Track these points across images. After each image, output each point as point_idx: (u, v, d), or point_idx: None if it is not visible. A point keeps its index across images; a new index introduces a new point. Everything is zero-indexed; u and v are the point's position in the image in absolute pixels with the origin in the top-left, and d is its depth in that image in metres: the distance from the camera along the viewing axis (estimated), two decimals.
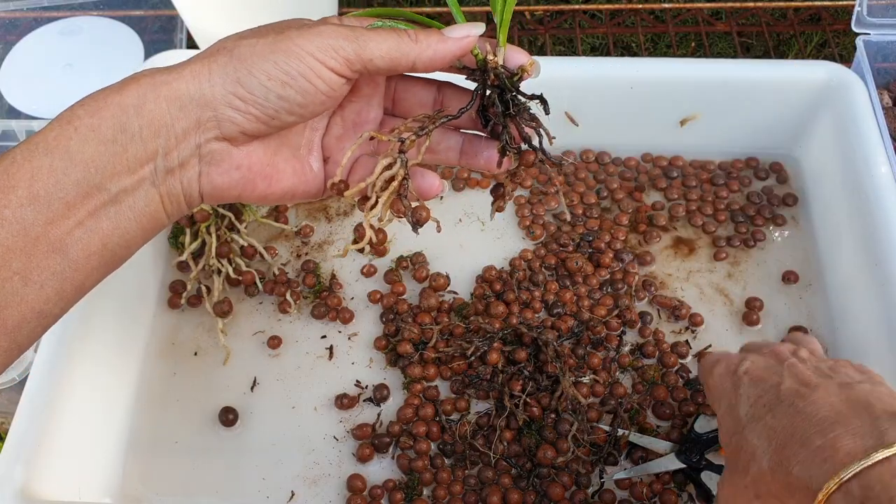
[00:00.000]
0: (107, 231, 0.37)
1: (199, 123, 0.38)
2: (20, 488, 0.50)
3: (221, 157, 0.39)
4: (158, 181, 0.38)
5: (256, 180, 0.41)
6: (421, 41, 0.39)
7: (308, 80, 0.38)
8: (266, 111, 0.38)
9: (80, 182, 0.36)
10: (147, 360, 0.63)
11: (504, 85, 0.40)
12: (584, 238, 0.68)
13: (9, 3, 0.84)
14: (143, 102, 0.37)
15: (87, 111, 0.36)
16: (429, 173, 0.43)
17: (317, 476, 0.58)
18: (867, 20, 0.73)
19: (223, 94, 0.37)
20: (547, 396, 0.58)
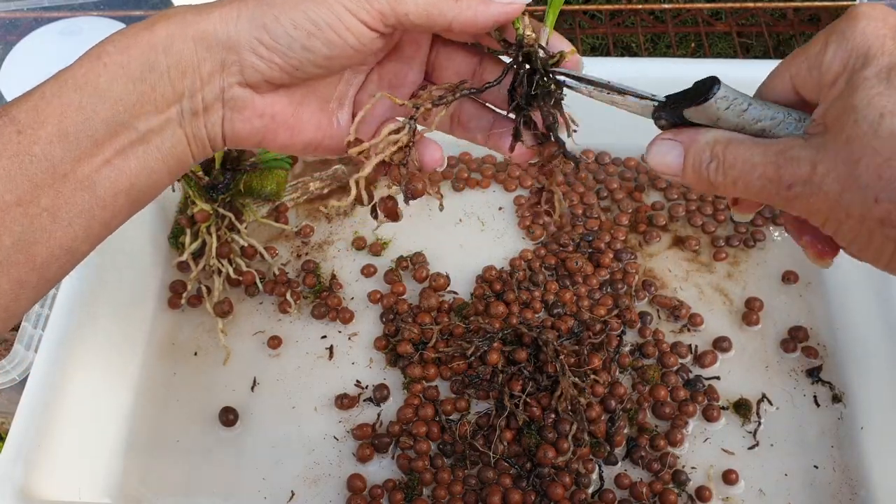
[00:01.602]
0: (134, 170, 0.37)
1: (223, 66, 0.37)
2: (20, 488, 0.50)
3: (244, 104, 0.38)
4: (185, 122, 0.37)
5: (279, 130, 0.40)
6: (462, 1, 0.36)
7: (336, 32, 0.36)
8: (290, 61, 0.37)
9: (109, 120, 0.35)
10: (147, 360, 0.63)
11: (536, 66, 0.38)
12: (584, 238, 0.68)
13: (9, 3, 0.84)
14: (172, 41, 0.36)
15: (116, 47, 0.36)
16: (433, 144, 0.41)
17: (317, 476, 0.58)
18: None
19: (248, 38, 0.36)
20: (547, 396, 0.58)
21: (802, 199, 0.32)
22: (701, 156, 0.35)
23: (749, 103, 0.33)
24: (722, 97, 0.33)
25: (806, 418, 0.59)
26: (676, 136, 0.36)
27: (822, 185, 0.31)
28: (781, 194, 0.32)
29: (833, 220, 0.31)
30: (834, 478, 0.57)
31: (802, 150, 0.31)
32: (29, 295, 0.36)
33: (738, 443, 0.58)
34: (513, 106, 0.39)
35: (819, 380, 0.61)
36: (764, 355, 0.62)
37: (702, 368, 0.62)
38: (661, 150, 0.36)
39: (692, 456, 0.58)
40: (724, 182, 0.34)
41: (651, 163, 0.36)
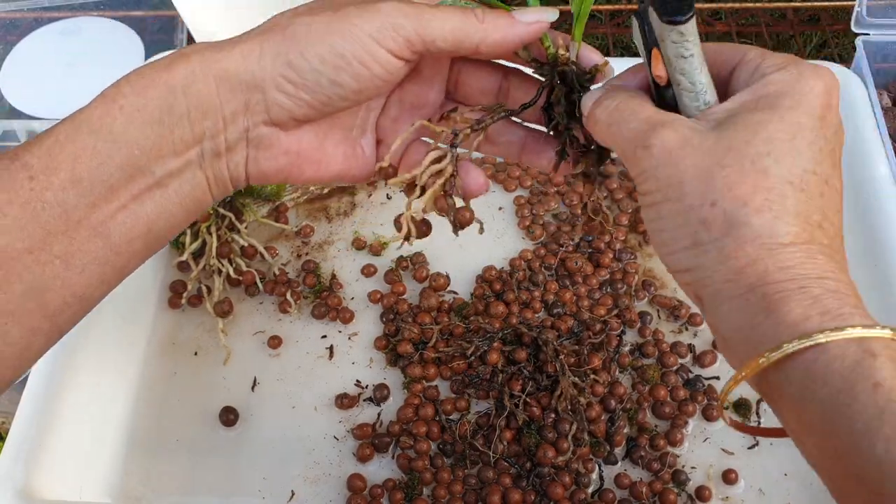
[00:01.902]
0: (151, 215, 0.36)
1: (247, 106, 0.36)
2: (21, 488, 0.50)
3: (270, 143, 0.37)
4: (205, 164, 0.37)
5: (304, 165, 0.39)
6: (488, 23, 0.36)
7: (364, 65, 0.35)
8: (317, 97, 0.36)
9: (125, 165, 0.34)
10: (147, 359, 0.63)
11: (573, 84, 0.38)
12: (583, 238, 0.68)
13: (9, 3, 0.84)
14: (192, 82, 0.35)
15: (133, 89, 0.35)
16: (474, 170, 0.39)
17: (317, 476, 0.58)
18: (866, 20, 0.73)
19: (273, 76, 0.35)
20: (547, 396, 0.58)
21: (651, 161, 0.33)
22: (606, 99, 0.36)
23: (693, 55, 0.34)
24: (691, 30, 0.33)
25: None
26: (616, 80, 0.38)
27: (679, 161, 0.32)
28: (638, 152, 0.33)
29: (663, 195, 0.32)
30: None
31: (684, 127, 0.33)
32: (41, 343, 0.35)
33: (738, 442, 0.58)
34: (552, 125, 0.39)
35: None
36: None
37: (701, 368, 0.62)
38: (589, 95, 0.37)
39: (692, 455, 0.58)
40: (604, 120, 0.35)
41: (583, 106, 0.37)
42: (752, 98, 0.33)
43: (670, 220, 0.32)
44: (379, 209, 0.71)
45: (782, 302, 0.30)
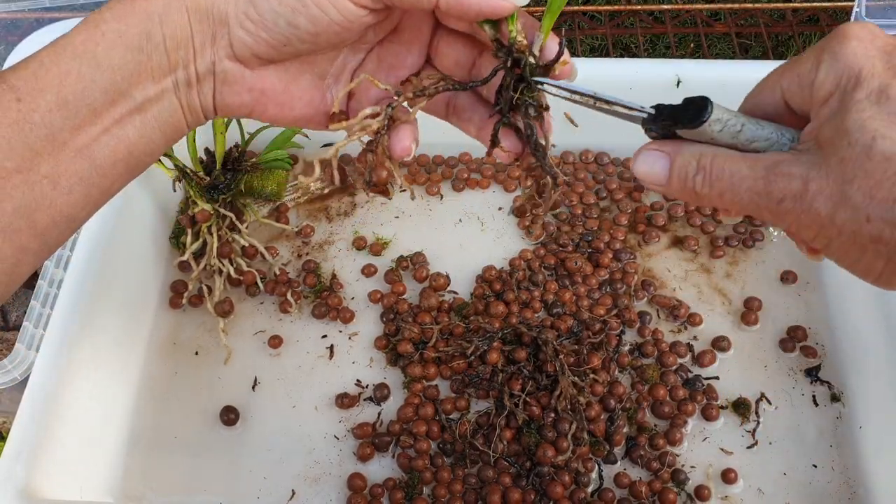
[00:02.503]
0: (133, 139, 0.37)
1: (214, 39, 0.37)
2: (22, 487, 0.50)
3: (234, 78, 0.38)
4: (180, 92, 0.38)
5: (269, 104, 0.40)
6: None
7: (320, 8, 0.36)
8: (276, 37, 0.37)
9: (108, 89, 0.35)
10: (148, 359, 0.63)
11: (524, 73, 0.37)
12: (583, 238, 0.68)
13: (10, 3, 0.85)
14: (168, 11, 0.36)
15: (113, 15, 0.36)
16: (404, 132, 0.40)
17: (317, 475, 0.58)
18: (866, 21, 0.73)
19: (236, 12, 0.36)
20: (546, 395, 0.58)
21: (793, 214, 0.32)
22: (687, 167, 0.35)
23: (742, 124, 0.34)
24: (716, 119, 0.33)
25: (804, 418, 0.59)
26: (662, 146, 0.36)
27: (814, 202, 0.31)
28: (771, 208, 0.33)
29: (823, 235, 0.32)
30: (832, 477, 0.57)
31: (793, 166, 0.32)
32: (30, 261, 0.36)
33: (737, 442, 0.58)
34: (496, 110, 0.39)
35: (818, 379, 0.61)
36: (763, 355, 0.63)
37: (701, 368, 0.62)
38: (647, 160, 0.36)
39: (691, 455, 0.58)
40: (711, 193, 0.34)
41: (637, 172, 0.37)
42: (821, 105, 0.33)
43: (850, 253, 0.32)
44: (379, 209, 0.71)
45: None
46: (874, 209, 0.30)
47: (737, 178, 0.33)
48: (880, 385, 0.58)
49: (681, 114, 0.34)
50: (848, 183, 0.30)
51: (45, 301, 0.64)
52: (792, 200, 0.32)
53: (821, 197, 0.31)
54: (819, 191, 0.31)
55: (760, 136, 0.34)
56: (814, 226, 0.32)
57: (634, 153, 0.37)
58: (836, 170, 0.31)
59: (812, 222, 0.32)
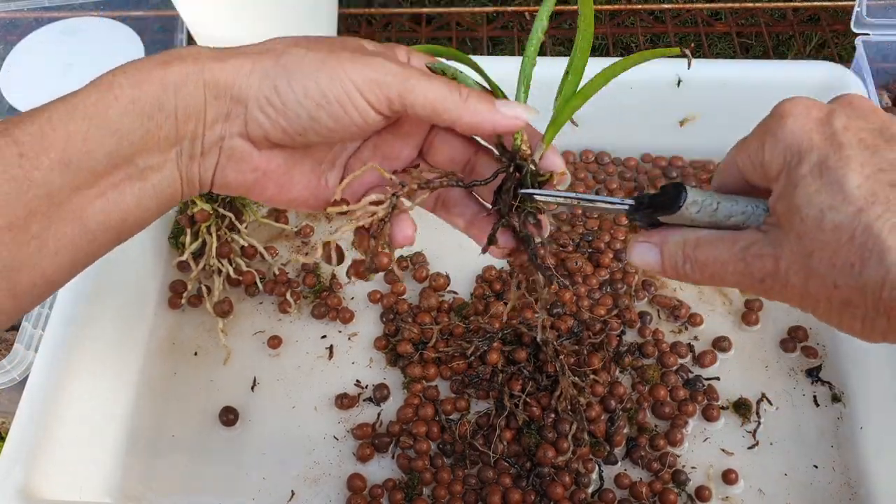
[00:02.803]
0: (128, 206, 0.36)
1: (227, 116, 0.37)
2: (21, 488, 0.50)
3: (241, 156, 0.38)
4: (182, 164, 0.38)
5: (268, 185, 0.40)
6: (470, 103, 0.37)
7: (343, 108, 0.37)
8: (294, 126, 0.37)
9: (112, 153, 0.35)
10: (147, 359, 0.63)
11: (525, 180, 0.39)
12: (583, 238, 0.68)
13: (9, 3, 0.84)
14: (185, 83, 0.36)
15: (129, 80, 0.35)
16: (408, 222, 0.41)
17: (317, 476, 0.58)
18: (866, 20, 0.73)
19: (257, 95, 0.36)
20: (547, 396, 0.58)
21: (775, 290, 0.34)
22: (675, 257, 0.37)
23: (718, 202, 0.36)
24: (691, 202, 0.35)
25: (805, 418, 0.59)
26: (650, 238, 0.38)
27: (788, 277, 0.33)
28: (755, 287, 0.35)
29: (805, 304, 0.34)
30: (833, 477, 0.57)
31: (764, 247, 0.34)
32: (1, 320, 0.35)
33: (738, 442, 0.58)
34: (494, 209, 0.41)
35: (818, 379, 0.61)
36: (763, 355, 0.62)
37: (701, 368, 0.62)
38: (639, 252, 0.38)
39: (692, 456, 0.58)
40: (702, 278, 0.37)
41: (632, 262, 0.39)
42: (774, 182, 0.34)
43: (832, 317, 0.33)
44: None
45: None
46: (838, 276, 0.31)
47: (719, 263, 0.36)
48: (881, 385, 0.58)
49: (659, 201, 0.37)
50: (809, 256, 0.32)
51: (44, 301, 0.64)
52: (771, 279, 0.34)
53: (791, 272, 0.33)
54: (789, 267, 0.33)
55: (736, 211, 0.36)
56: (795, 297, 0.34)
57: (629, 244, 0.39)
58: (796, 245, 0.33)
59: (793, 295, 0.34)
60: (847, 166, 0.32)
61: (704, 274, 0.36)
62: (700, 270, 0.36)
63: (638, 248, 0.38)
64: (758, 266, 0.34)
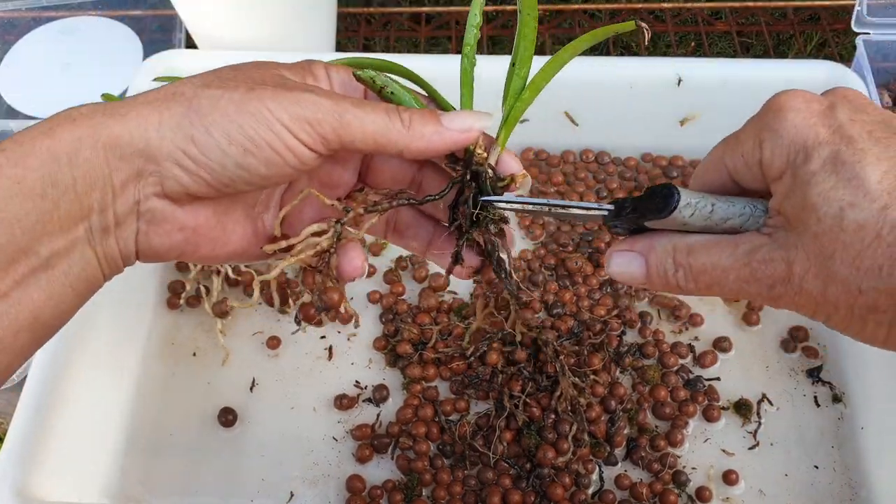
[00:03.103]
0: (38, 302, 0.31)
1: (139, 176, 0.32)
2: (19, 489, 0.50)
3: (163, 217, 0.34)
4: (94, 241, 0.33)
5: (200, 242, 0.36)
6: (414, 128, 0.34)
7: (276, 151, 0.33)
8: (220, 178, 0.33)
9: (4, 246, 0.30)
10: (146, 360, 0.63)
11: (484, 187, 0.36)
12: (583, 238, 0.68)
13: (7, 2, 0.84)
14: (79, 149, 0.31)
15: (8, 159, 0.30)
16: (354, 251, 0.37)
17: (316, 477, 0.58)
18: (867, 20, 0.73)
19: (171, 149, 0.32)
20: (547, 397, 0.58)
21: (787, 297, 0.31)
22: (664, 265, 0.34)
23: (713, 204, 0.33)
24: (685, 205, 0.32)
25: (806, 418, 0.59)
26: (633, 246, 0.35)
27: (804, 283, 0.31)
28: (763, 294, 0.32)
29: (821, 312, 0.31)
30: (834, 478, 0.57)
31: (773, 250, 0.31)
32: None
33: (739, 443, 0.58)
34: (454, 226, 0.37)
35: (819, 380, 0.61)
36: (764, 355, 0.62)
37: (702, 369, 0.61)
38: (620, 262, 0.35)
39: (692, 456, 0.58)
40: (697, 288, 0.34)
41: (612, 274, 0.35)
42: (776, 182, 0.32)
43: (851, 325, 0.31)
44: None
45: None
46: (863, 280, 0.29)
47: (719, 269, 0.32)
48: (882, 385, 0.57)
49: (646, 205, 0.33)
50: (829, 258, 0.30)
51: None
52: (782, 285, 0.31)
53: (808, 277, 0.30)
54: (804, 271, 0.30)
55: (734, 213, 0.33)
56: (810, 304, 0.31)
57: (606, 253, 0.36)
58: (813, 247, 0.30)
59: (807, 302, 0.31)
60: (864, 160, 0.29)
61: (700, 283, 0.33)
62: (695, 279, 0.33)
63: (618, 258, 0.35)
64: (767, 272, 0.31)
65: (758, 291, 0.32)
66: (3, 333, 0.31)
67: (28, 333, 0.32)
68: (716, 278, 0.33)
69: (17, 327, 0.31)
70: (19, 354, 0.32)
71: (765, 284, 0.32)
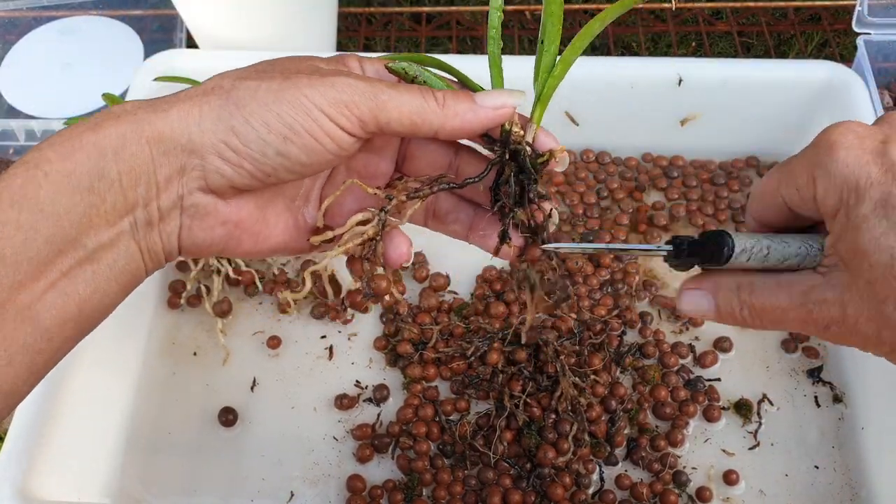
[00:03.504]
0: (84, 294, 0.32)
1: (182, 171, 0.33)
2: (19, 488, 0.50)
3: (206, 212, 0.34)
4: (138, 235, 0.33)
5: (243, 237, 0.36)
6: (448, 107, 0.34)
7: (314, 138, 0.33)
8: (262, 167, 0.33)
9: (53, 238, 0.31)
10: (146, 359, 0.63)
11: (525, 165, 0.36)
12: (584, 238, 0.68)
13: (8, 2, 0.84)
14: (124, 144, 0.32)
15: (58, 153, 0.31)
16: (401, 238, 0.37)
17: (316, 476, 0.58)
18: (868, 20, 0.73)
19: (213, 142, 0.33)
20: (547, 397, 0.58)
21: (842, 336, 0.32)
22: (731, 303, 0.35)
23: (768, 246, 0.33)
24: (741, 251, 0.33)
25: (807, 419, 0.59)
26: (700, 284, 0.36)
27: (857, 325, 0.31)
28: (821, 333, 0.33)
29: (878, 350, 0.32)
30: (835, 478, 0.56)
31: (827, 292, 0.32)
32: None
33: (739, 443, 0.58)
34: (497, 206, 0.37)
35: (820, 380, 0.61)
36: (764, 355, 0.62)
37: (702, 369, 0.61)
38: (690, 300, 0.36)
39: (693, 456, 0.58)
40: (763, 324, 0.34)
41: (684, 311, 0.37)
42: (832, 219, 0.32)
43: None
44: None
45: None
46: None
47: (779, 310, 0.33)
48: (882, 386, 0.57)
49: (702, 251, 0.34)
50: (883, 303, 0.30)
51: None
52: (837, 326, 0.32)
53: (862, 320, 0.31)
54: (858, 314, 0.31)
55: (790, 254, 0.33)
56: (867, 344, 0.32)
57: (678, 291, 0.37)
58: (866, 292, 0.30)
59: (863, 342, 0.32)
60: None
61: (765, 320, 0.34)
62: (759, 317, 0.34)
63: (689, 295, 0.36)
64: (823, 314, 0.32)
65: (815, 331, 0.33)
66: (51, 324, 0.31)
67: (73, 325, 0.32)
68: (777, 317, 0.33)
69: (63, 318, 0.32)
70: (64, 345, 0.33)
71: (821, 325, 0.32)
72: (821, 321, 0.32)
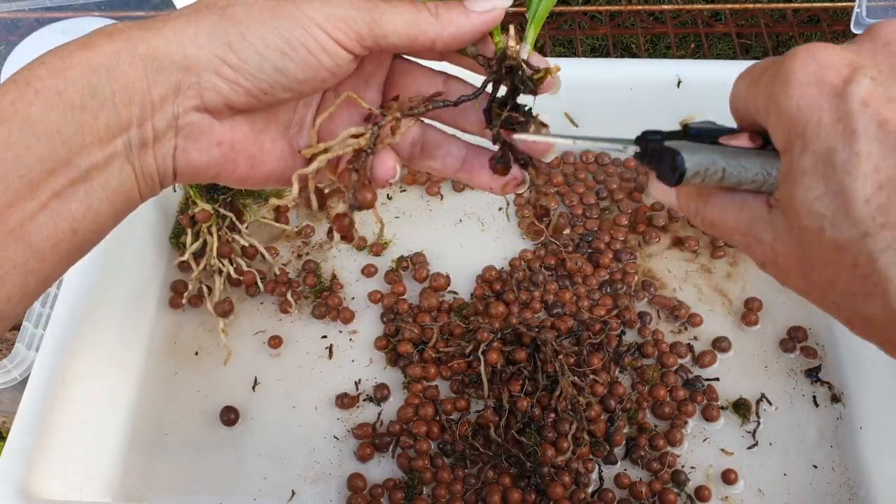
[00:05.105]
0: (77, 214, 0.32)
1: (178, 90, 0.32)
2: (21, 487, 0.50)
3: (201, 131, 0.34)
4: (133, 156, 0.33)
5: (238, 160, 0.36)
6: (442, 15, 0.34)
7: (311, 53, 0.33)
8: (258, 84, 0.33)
9: (45, 157, 0.30)
10: (148, 359, 0.63)
11: (521, 80, 0.36)
12: (583, 238, 0.68)
13: (11, 3, 0.85)
14: (117, 62, 0.31)
15: (49, 70, 0.31)
16: (386, 154, 0.37)
17: (317, 475, 0.58)
18: (866, 21, 0.74)
19: (209, 58, 0.32)
20: (547, 396, 0.58)
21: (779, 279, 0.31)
22: (689, 207, 0.34)
23: (723, 170, 0.31)
24: (693, 174, 0.31)
25: (805, 418, 0.59)
26: None
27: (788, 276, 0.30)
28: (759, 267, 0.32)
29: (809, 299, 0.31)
30: (833, 477, 0.57)
31: (764, 232, 0.30)
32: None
33: (738, 442, 0.58)
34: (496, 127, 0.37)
35: (818, 380, 0.61)
36: (763, 355, 0.63)
37: (701, 368, 0.62)
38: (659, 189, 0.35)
39: (691, 456, 0.58)
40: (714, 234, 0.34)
41: (655, 198, 0.36)
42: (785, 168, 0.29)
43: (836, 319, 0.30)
44: (379, 210, 0.71)
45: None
46: (839, 298, 0.28)
47: (726, 228, 0.32)
48: (881, 385, 0.58)
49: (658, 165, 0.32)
50: (810, 267, 0.28)
51: (44, 300, 0.64)
52: (771, 267, 0.31)
53: (792, 272, 0.30)
54: (788, 266, 0.29)
55: (746, 180, 0.31)
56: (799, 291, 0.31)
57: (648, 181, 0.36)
58: (796, 250, 0.29)
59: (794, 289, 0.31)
60: (856, 170, 0.25)
61: (716, 232, 0.33)
62: (711, 229, 0.33)
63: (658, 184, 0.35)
64: (758, 251, 0.31)
65: (754, 260, 0.32)
66: (43, 244, 0.31)
67: (66, 245, 0.32)
68: (725, 235, 0.32)
69: (56, 239, 0.31)
70: (57, 267, 0.32)
71: (758, 260, 0.31)
72: (757, 257, 0.31)
